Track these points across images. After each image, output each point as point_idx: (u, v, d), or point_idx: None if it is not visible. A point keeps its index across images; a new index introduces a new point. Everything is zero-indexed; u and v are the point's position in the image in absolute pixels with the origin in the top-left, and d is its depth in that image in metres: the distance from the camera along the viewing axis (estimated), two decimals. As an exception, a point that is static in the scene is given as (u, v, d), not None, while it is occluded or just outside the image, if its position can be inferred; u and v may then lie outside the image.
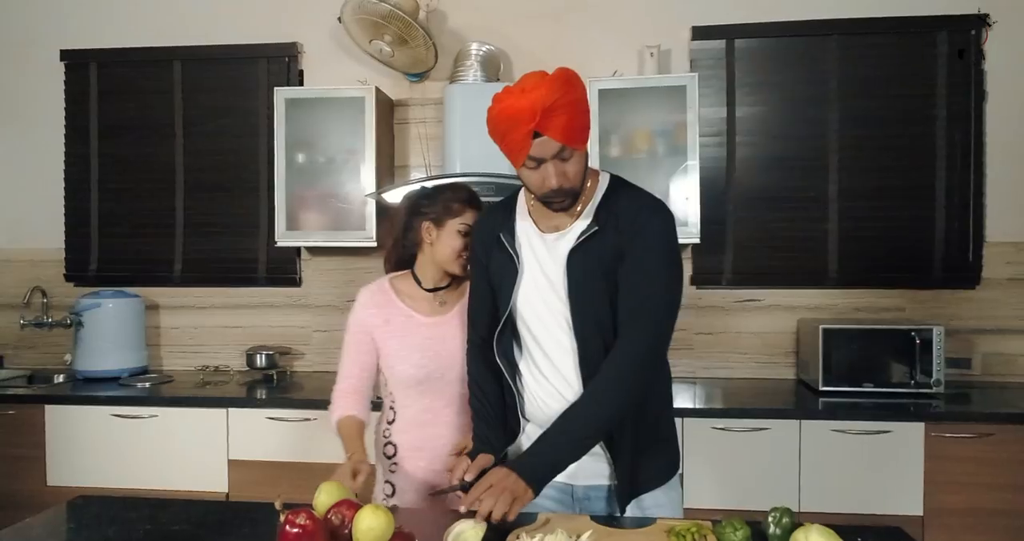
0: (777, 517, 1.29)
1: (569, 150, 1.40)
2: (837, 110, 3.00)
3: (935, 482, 2.43)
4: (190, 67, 3.29)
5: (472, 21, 3.18)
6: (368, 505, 1.08)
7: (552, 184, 1.41)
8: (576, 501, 1.55)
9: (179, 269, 3.31)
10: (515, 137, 1.38)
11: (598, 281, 1.45)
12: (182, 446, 2.73)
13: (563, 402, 1.48)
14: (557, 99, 1.35)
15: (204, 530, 1.38)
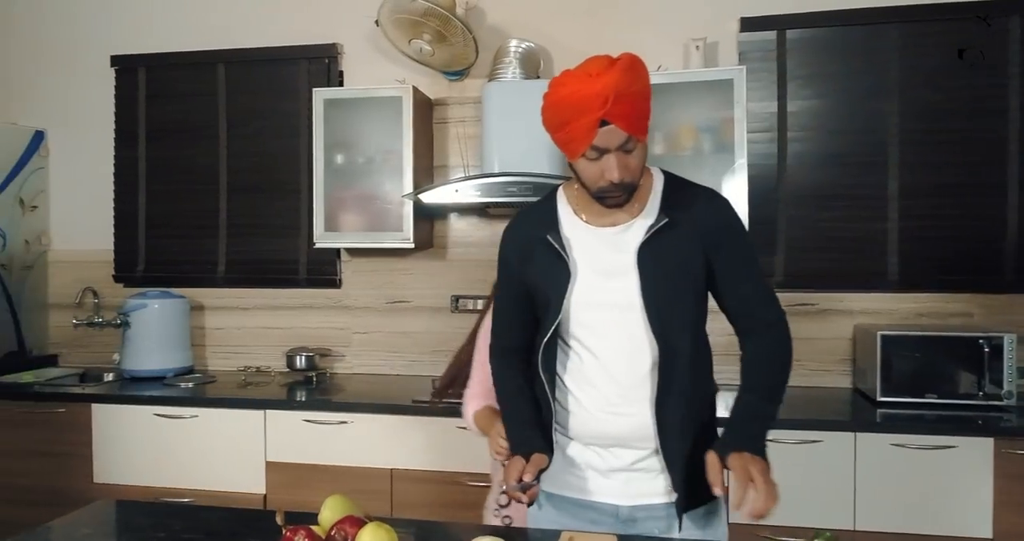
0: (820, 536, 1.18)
1: (634, 141, 1.33)
2: (897, 102, 2.83)
3: (1006, 503, 2.24)
4: (233, 70, 3.32)
5: (511, 17, 3.12)
6: (371, 523, 1.02)
7: (613, 177, 1.32)
8: (622, 522, 1.45)
9: (222, 270, 3.35)
10: (579, 125, 1.29)
11: (674, 275, 1.37)
12: (221, 447, 2.74)
13: (615, 415, 1.39)
14: (627, 86, 1.27)
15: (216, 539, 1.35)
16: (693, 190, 1.46)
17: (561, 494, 1.49)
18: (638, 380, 1.39)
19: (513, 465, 1.39)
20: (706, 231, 1.39)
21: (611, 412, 1.40)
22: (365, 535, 0.99)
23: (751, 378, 1.41)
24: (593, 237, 1.43)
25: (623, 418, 1.39)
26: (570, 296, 1.41)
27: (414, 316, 3.21)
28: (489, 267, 3.10)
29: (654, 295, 1.36)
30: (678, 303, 1.38)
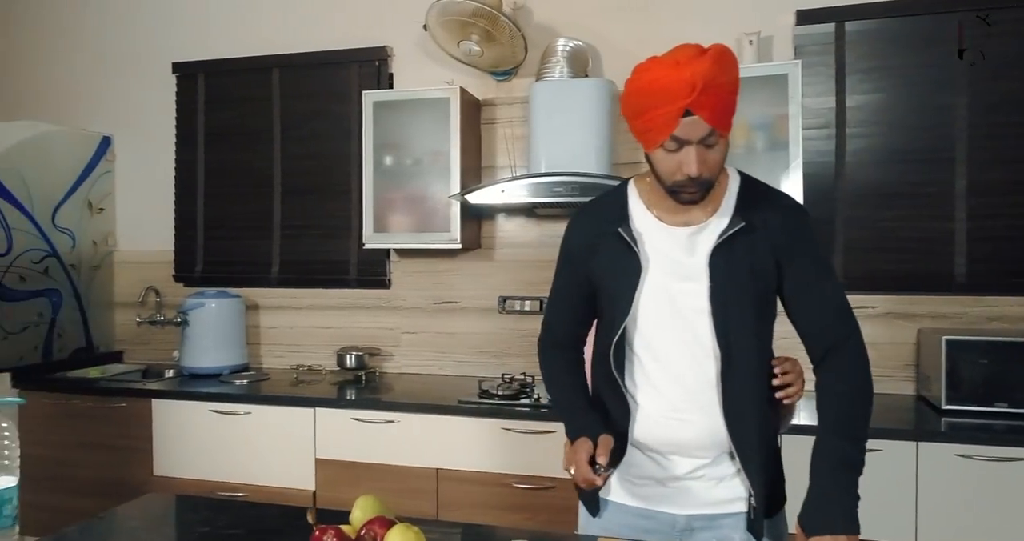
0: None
1: (716, 136, 1.26)
2: (966, 95, 2.69)
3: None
4: (287, 74, 3.39)
5: (558, 16, 3.09)
6: (399, 524, 1.01)
7: (691, 171, 1.26)
8: (678, 532, 1.41)
9: (276, 270, 3.42)
10: (661, 113, 1.23)
11: (745, 282, 1.32)
12: (273, 443, 2.80)
13: (679, 421, 1.35)
14: (716, 76, 1.21)
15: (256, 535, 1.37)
16: (770, 194, 1.41)
17: (617, 502, 1.46)
18: (702, 386, 1.35)
19: (582, 448, 1.34)
20: (781, 238, 1.33)
21: (674, 418, 1.36)
22: (393, 536, 0.99)
23: (833, 414, 1.32)
24: (666, 235, 1.37)
25: (686, 425, 1.35)
26: (640, 292, 1.36)
27: (462, 317, 3.22)
28: (537, 268, 3.10)
29: (723, 301, 1.31)
30: (747, 310, 1.33)
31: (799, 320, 1.37)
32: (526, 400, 2.65)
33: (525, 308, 3.12)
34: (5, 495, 1.01)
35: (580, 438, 1.36)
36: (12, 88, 3.82)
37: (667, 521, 1.40)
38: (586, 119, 2.74)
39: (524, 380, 2.89)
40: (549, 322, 1.55)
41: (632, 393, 1.41)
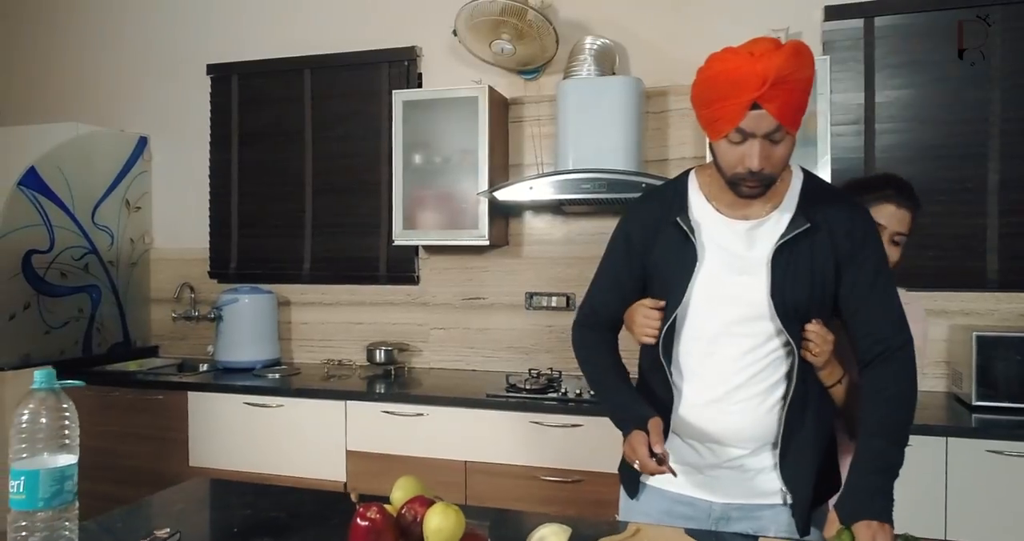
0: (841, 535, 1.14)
1: (782, 132, 1.26)
2: (1000, 90, 2.67)
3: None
4: (319, 75, 3.46)
5: (584, 13, 3.11)
6: (438, 503, 1.05)
7: (753, 164, 1.26)
8: (714, 521, 1.42)
9: (307, 267, 3.49)
10: (730, 104, 1.24)
11: (805, 280, 1.33)
12: (305, 435, 2.86)
13: (721, 412, 1.37)
14: (789, 72, 1.21)
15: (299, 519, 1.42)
16: (833, 195, 1.41)
17: (656, 486, 1.48)
18: (748, 379, 1.36)
19: (639, 443, 1.33)
20: (842, 240, 1.33)
21: (717, 408, 1.37)
22: (433, 514, 1.03)
23: (877, 416, 1.31)
24: (725, 227, 1.38)
25: (728, 416, 1.37)
26: (694, 282, 1.37)
27: (490, 313, 3.25)
28: (564, 265, 3.13)
29: (782, 297, 1.32)
30: (805, 308, 1.34)
31: (854, 324, 1.35)
32: (554, 394, 2.68)
33: (552, 305, 3.15)
34: (67, 472, 1.07)
35: (633, 432, 1.35)
36: (54, 91, 3.94)
37: (704, 508, 1.42)
38: (614, 116, 2.76)
39: (551, 375, 2.92)
40: (593, 302, 1.53)
41: (676, 381, 1.42)
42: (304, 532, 1.35)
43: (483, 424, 2.65)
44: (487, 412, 2.66)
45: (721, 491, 1.41)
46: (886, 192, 1.55)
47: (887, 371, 1.32)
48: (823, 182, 1.45)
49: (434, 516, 1.02)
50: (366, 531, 1.00)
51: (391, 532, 1.03)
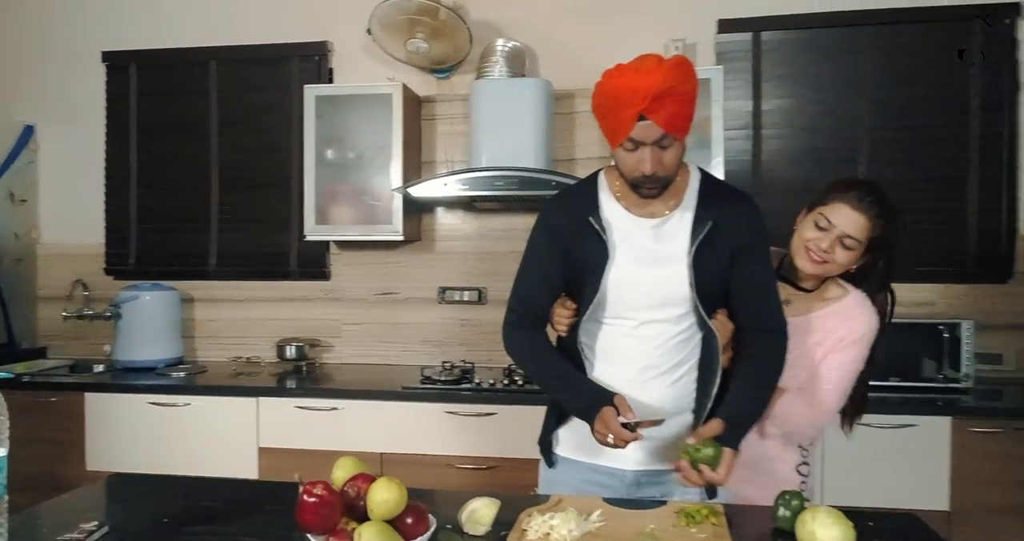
0: (787, 500, 1.30)
1: (670, 139, 1.39)
2: (869, 101, 2.97)
3: (962, 478, 2.40)
4: (225, 67, 3.39)
5: (497, 16, 3.21)
6: (382, 478, 1.11)
7: (645, 169, 1.40)
8: (627, 486, 1.55)
9: (214, 263, 3.41)
10: (619, 117, 1.37)
11: (712, 270, 1.48)
12: (214, 434, 2.81)
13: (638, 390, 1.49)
14: (674, 85, 1.34)
15: (234, 506, 1.44)
16: (728, 191, 1.57)
17: (574, 458, 1.60)
18: (660, 360, 1.51)
19: (610, 418, 1.41)
20: (740, 235, 1.49)
21: (633, 388, 1.50)
22: (378, 488, 1.09)
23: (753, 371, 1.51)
24: (634, 225, 1.51)
25: (642, 394, 1.50)
26: (607, 278, 1.49)
27: (403, 307, 3.30)
28: (476, 259, 3.22)
29: (702, 288, 1.47)
30: (713, 295, 1.50)
31: (741, 306, 1.53)
32: (468, 385, 2.76)
33: (465, 299, 3.23)
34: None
35: (603, 410, 1.43)
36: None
37: (618, 476, 1.55)
38: (525, 117, 2.88)
39: (465, 367, 3.00)
40: (524, 300, 1.60)
41: (592, 363, 1.56)
42: (242, 519, 1.37)
43: (399, 416, 2.70)
44: (403, 404, 2.71)
45: (633, 459, 1.54)
46: (848, 194, 1.59)
47: (770, 344, 1.52)
48: (719, 180, 1.61)
49: (378, 489, 1.09)
50: (314, 507, 1.05)
51: (338, 506, 1.08)
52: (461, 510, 1.30)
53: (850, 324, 1.60)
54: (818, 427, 1.65)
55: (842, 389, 1.61)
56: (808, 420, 1.60)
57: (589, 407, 1.46)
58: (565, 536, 1.21)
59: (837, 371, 1.60)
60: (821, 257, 1.60)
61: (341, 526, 1.08)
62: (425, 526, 1.11)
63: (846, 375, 1.61)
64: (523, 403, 2.58)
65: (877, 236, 1.59)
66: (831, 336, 1.61)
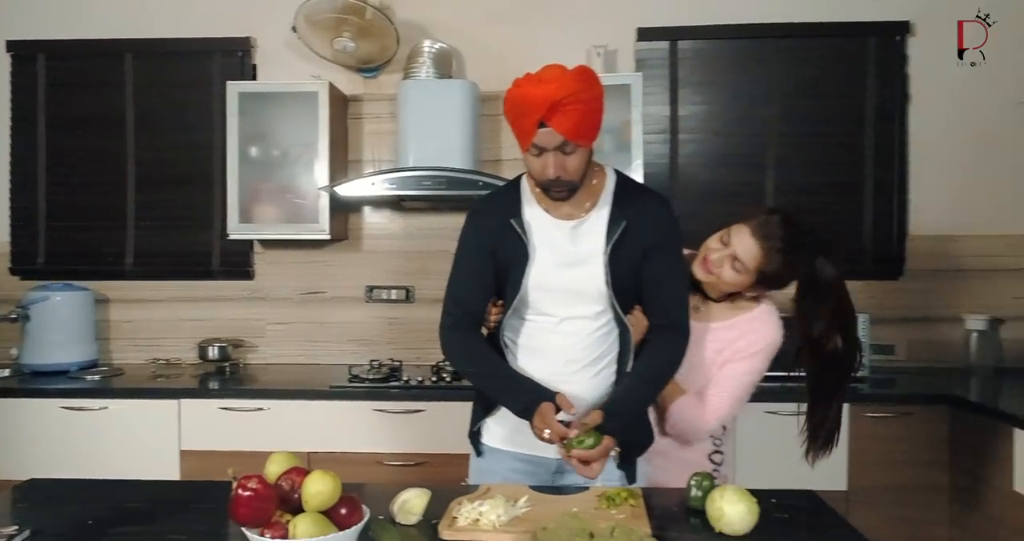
0: (699, 481, 1.40)
1: (572, 145, 1.45)
2: (776, 109, 3.16)
3: (860, 460, 2.59)
4: (141, 60, 3.29)
5: (423, 17, 3.23)
6: (317, 470, 1.14)
7: (548, 174, 1.47)
8: (552, 474, 1.62)
9: (130, 262, 3.31)
10: (523, 123, 1.44)
11: (627, 268, 1.55)
12: (134, 438, 2.73)
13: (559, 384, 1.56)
14: (569, 95, 1.40)
15: (161, 506, 1.43)
16: (642, 192, 1.65)
17: (502, 448, 1.67)
18: (582, 355, 1.59)
19: (548, 414, 1.48)
20: (649, 232, 1.57)
21: (557, 381, 1.58)
22: (312, 480, 1.12)
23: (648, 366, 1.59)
24: (552, 227, 1.58)
25: (566, 387, 1.57)
26: (528, 278, 1.56)
27: (330, 306, 3.29)
28: (403, 258, 3.25)
29: (618, 286, 1.55)
30: (629, 292, 1.58)
31: (647, 302, 1.63)
32: (396, 383, 2.79)
33: (392, 297, 3.25)
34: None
35: (542, 406, 1.49)
36: None
37: (543, 464, 1.63)
38: (452, 118, 2.92)
39: (393, 365, 3.01)
40: (460, 302, 1.64)
41: (517, 357, 1.63)
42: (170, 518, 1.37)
43: (327, 415, 2.70)
44: (330, 403, 2.71)
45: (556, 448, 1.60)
46: (753, 220, 1.63)
47: (669, 339, 1.60)
48: (633, 181, 1.70)
49: (313, 481, 1.12)
50: (248, 500, 1.07)
51: (273, 500, 1.10)
52: (393, 501, 1.34)
53: (750, 337, 1.67)
54: (706, 431, 1.69)
55: (735, 398, 1.67)
56: (698, 423, 1.66)
57: (529, 403, 1.51)
58: (494, 521, 1.27)
59: (732, 380, 1.67)
60: (710, 269, 1.65)
61: (276, 519, 1.10)
62: (359, 516, 1.15)
63: (741, 385, 1.67)
64: (451, 399, 2.63)
65: (768, 270, 1.61)
66: (730, 346, 1.67)
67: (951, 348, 3.06)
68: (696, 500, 1.39)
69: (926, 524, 2.62)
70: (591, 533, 1.12)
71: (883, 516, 2.59)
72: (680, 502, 1.44)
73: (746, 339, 1.67)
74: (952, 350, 3.05)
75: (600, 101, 1.49)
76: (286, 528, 1.08)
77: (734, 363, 1.67)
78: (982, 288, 3.11)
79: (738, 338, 1.68)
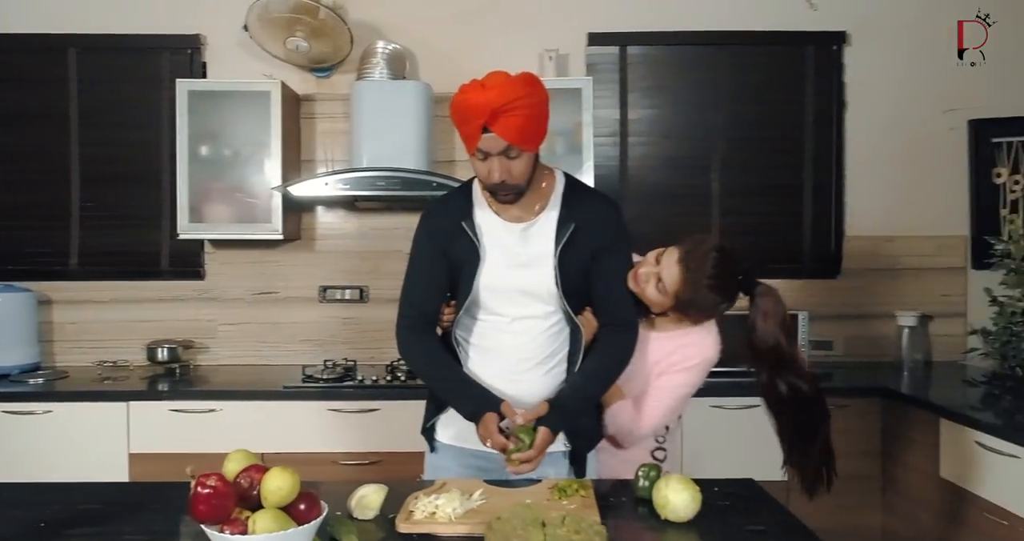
0: (646, 471, 1.47)
1: (516, 150, 1.49)
2: (721, 114, 3.27)
3: (800, 451, 2.70)
4: (86, 56, 3.22)
5: (377, 18, 3.24)
6: (276, 467, 1.17)
7: (493, 178, 1.51)
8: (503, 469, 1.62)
9: (75, 263, 3.23)
10: (467, 129, 1.48)
11: (577, 269, 1.60)
12: (81, 442, 2.69)
13: (511, 382, 1.61)
14: (512, 101, 1.43)
15: (116, 507, 1.43)
16: (591, 195, 1.70)
17: (455, 445, 1.71)
18: (533, 353, 1.63)
19: (491, 423, 1.52)
20: (597, 234, 1.62)
21: (508, 378, 1.63)
22: (272, 476, 1.14)
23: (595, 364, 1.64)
24: (503, 229, 1.63)
25: (518, 384, 1.62)
26: (479, 279, 1.60)
27: (283, 307, 3.27)
28: (358, 258, 3.26)
29: (568, 286, 1.60)
30: (579, 292, 1.63)
31: (595, 302, 1.68)
32: (351, 382, 2.80)
33: (346, 297, 3.25)
34: None
35: (486, 416, 1.54)
36: None
37: (495, 459, 1.65)
38: (406, 119, 2.94)
39: (348, 364, 3.02)
40: (415, 303, 1.68)
41: (471, 356, 1.67)
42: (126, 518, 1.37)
43: (281, 415, 2.70)
44: (285, 403, 2.71)
45: None
46: (683, 244, 1.67)
47: (617, 338, 1.66)
48: (582, 184, 1.75)
49: (272, 478, 1.14)
50: (207, 498, 1.09)
51: (232, 497, 1.12)
52: (350, 497, 1.37)
53: (686, 351, 1.71)
54: (639, 437, 1.74)
55: (668, 408, 1.73)
56: (631, 428, 1.72)
57: (476, 409, 1.56)
58: (450, 514, 1.31)
59: (665, 391, 1.72)
60: (637, 282, 1.67)
61: (235, 516, 1.12)
62: (317, 511, 1.17)
63: (674, 397, 1.73)
64: (406, 398, 2.64)
65: (684, 298, 1.64)
66: (667, 359, 1.72)
67: (885, 343, 3.22)
68: (643, 490, 1.46)
69: (860, 510, 2.76)
70: (543, 522, 1.17)
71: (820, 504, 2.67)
72: (628, 492, 1.51)
73: (682, 353, 1.72)
74: (886, 345, 3.21)
75: (544, 106, 1.52)
76: (245, 524, 1.10)
77: (670, 375, 1.72)
78: (913, 286, 3.28)
79: (675, 352, 1.72)
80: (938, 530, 2.47)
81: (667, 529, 1.36)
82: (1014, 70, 3.23)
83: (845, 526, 2.69)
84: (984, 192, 3.26)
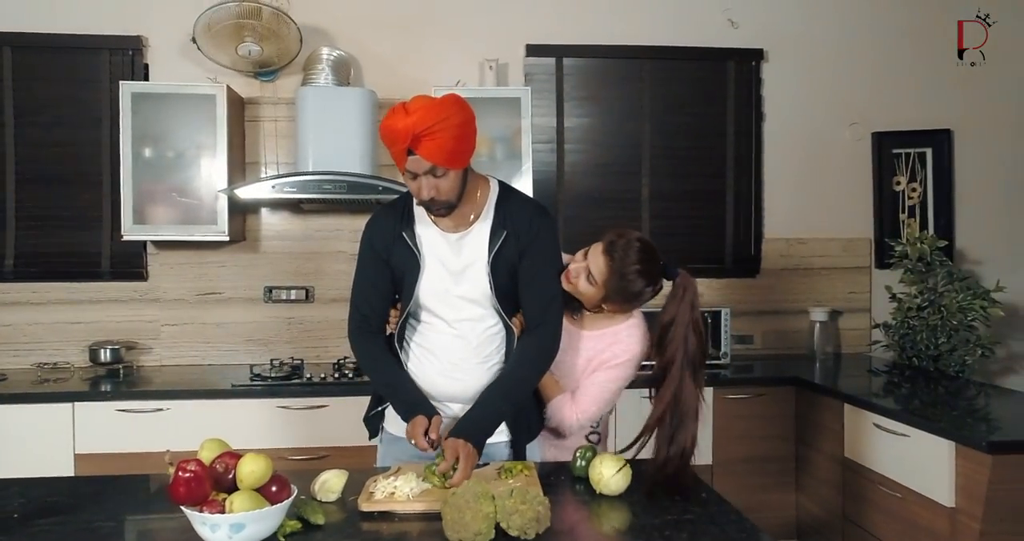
0: (583, 452, 1.63)
1: (442, 169, 1.56)
2: (650, 123, 3.48)
3: (722, 436, 2.94)
4: (23, 54, 3.18)
5: (322, 24, 3.31)
6: (250, 453, 1.27)
7: (423, 196, 1.59)
8: None
9: (11, 264, 3.19)
10: (394, 151, 1.57)
11: (509, 273, 1.71)
12: (23, 444, 2.68)
13: (451, 380, 1.73)
14: (432, 125, 1.49)
15: (80, 499, 1.49)
16: (521, 201, 1.80)
17: (400, 435, 1.80)
18: (472, 353, 1.75)
19: (419, 426, 1.62)
20: (523, 237, 1.73)
21: (448, 376, 1.75)
22: (247, 461, 1.24)
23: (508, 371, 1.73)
24: (440, 238, 1.73)
25: (457, 382, 1.75)
26: (419, 286, 1.72)
27: (227, 307, 3.31)
28: (303, 259, 3.34)
29: (501, 291, 1.71)
30: (511, 296, 1.75)
31: (523, 301, 1.79)
32: (298, 380, 2.88)
33: (292, 297, 3.32)
34: None
35: (415, 417, 1.65)
36: None
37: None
38: (351, 124, 3.03)
39: (294, 363, 3.09)
40: (362, 309, 1.78)
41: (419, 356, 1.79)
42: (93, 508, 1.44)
43: (229, 414, 2.75)
44: (233, 401, 2.77)
45: None
46: (606, 237, 1.76)
47: (532, 339, 1.77)
48: (516, 192, 1.86)
49: (247, 462, 1.24)
50: (187, 481, 1.19)
51: (209, 481, 1.22)
52: (314, 482, 1.48)
53: (615, 348, 1.81)
54: (575, 428, 1.84)
55: (601, 401, 1.84)
56: (569, 421, 1.83)
57: (407, 413, 1.69)
58: (408, 493, 1.43)
59: (598, 386, 1.82)
60: (569, 279, 1.77)
61: (212, 498, 1.22)
62: (288, 492, 1.28)
63: (605, 391, 1.84)
64: (353, 394, 2.73)
65: (611, 286, 1.73)
66: (599, 356, 1.82)
67: (799, 337, 3.50)
68: (580, 469, 1.62)
69: (776, 490, 3.02)
70: (493, 495, 1.31)
71: (742, 484, 2.94)
72: (567, 473, 1.67)
73: (611, 351, 1.83)
74: (799, 339, 3.50)
75: (467, 127, 1.60)
76: (223, 505, 1.21)
77: (601, 371, 1.84)
78: (823, 284, 3.58)
79: (605, 349, 1.82)
80: (843, 505, 2.74)
81: (601, 501, 1.53)
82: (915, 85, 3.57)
83: (762, 504, 2.93)
84: (886, 198, 3.59)
